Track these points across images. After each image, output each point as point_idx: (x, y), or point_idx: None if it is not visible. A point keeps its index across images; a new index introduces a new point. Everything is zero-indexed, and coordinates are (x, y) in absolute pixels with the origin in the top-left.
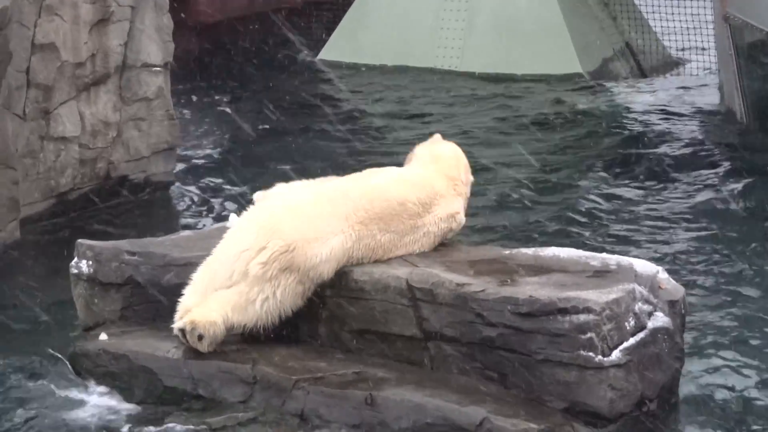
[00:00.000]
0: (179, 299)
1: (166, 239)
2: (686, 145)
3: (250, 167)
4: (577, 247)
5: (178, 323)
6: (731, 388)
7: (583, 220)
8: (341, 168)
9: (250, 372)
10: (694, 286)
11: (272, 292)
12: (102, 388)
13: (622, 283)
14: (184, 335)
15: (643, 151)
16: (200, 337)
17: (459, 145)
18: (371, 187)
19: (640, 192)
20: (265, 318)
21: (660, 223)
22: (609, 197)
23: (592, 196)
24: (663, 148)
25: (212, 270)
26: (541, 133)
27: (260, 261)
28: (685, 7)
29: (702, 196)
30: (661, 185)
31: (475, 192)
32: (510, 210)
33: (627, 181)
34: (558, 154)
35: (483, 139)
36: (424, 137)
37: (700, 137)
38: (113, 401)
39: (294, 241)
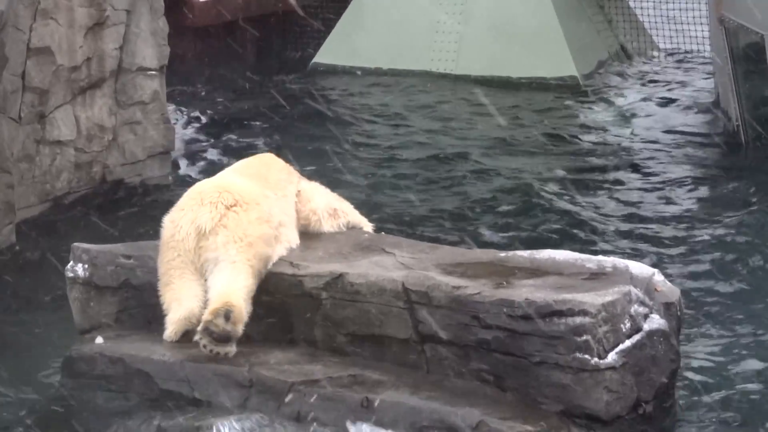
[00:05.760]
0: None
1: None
2: (681, 148)
3: None
4: (573, 250)
5: (200, 327)
6: (728, 390)
7: (579, 222)
8: (335, 171)
9: (246, 375)
10: (690, 288)
11: (238, 233)
12: None
13: (617, 285)
14: (209, 333)
15: (638, 154)
16: (228, 316)
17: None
18: None
19: (635, 194)
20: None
21: (655, 226)
22: (604, 200)
23: (586, 199)
24: (657, 152)
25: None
26: (534, 137)
27: (206, 213)
28: (680, 10)
29: (697, 199)
30: (656, 188)
31: (471, 196)
32: (505, 213)
33: (621, 184)
34: (551, 158)
35: (476, 143)
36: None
37: (695, 140)
38: None
39: (217, 185)
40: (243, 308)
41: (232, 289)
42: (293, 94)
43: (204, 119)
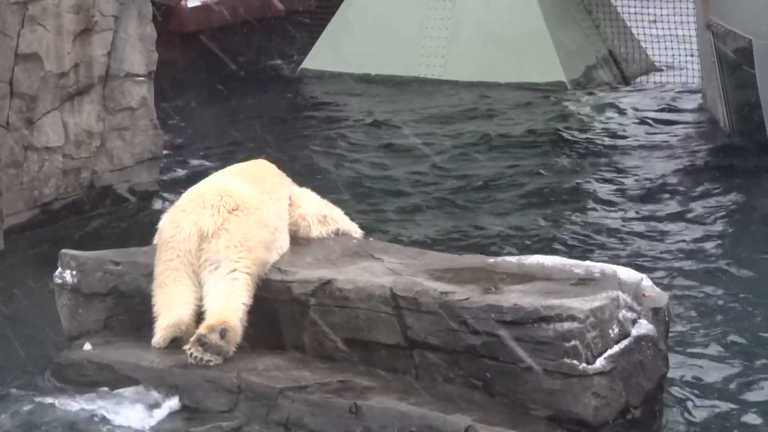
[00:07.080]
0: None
1: (150, 249)
2: (669, 153)
3: None
4: (561, 255)
5: (193, 338)
6: (716, 395)
7: (567, 227)
8: (324, 177)
9: (235, 381)
10: (678, 294)
11: (239, 237)
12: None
13: (606, 290)
14: (201, 344)
15: (626, 159)
16: (223, 334)
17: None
18: None
19: (623, 200)
20: (257, 269)
21: (643, 231)
22: (592, 205)
23: (574, 205)
24: (646, 156)
25: (173, 277)
26: (523, 141)
27: (208, 216)
28: (668, 15)
29: (685, 204)
30: (644, 193)
31: (459, 201)
32: (493, 218)
33: (610, 190)
34: (539, 163)
35: (464, 149)
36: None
37: (683, 145)
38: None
39: (219, 189)
40: (239, 329)
41: (230, 308)
42: (282, 100)
43: (192, 125)
